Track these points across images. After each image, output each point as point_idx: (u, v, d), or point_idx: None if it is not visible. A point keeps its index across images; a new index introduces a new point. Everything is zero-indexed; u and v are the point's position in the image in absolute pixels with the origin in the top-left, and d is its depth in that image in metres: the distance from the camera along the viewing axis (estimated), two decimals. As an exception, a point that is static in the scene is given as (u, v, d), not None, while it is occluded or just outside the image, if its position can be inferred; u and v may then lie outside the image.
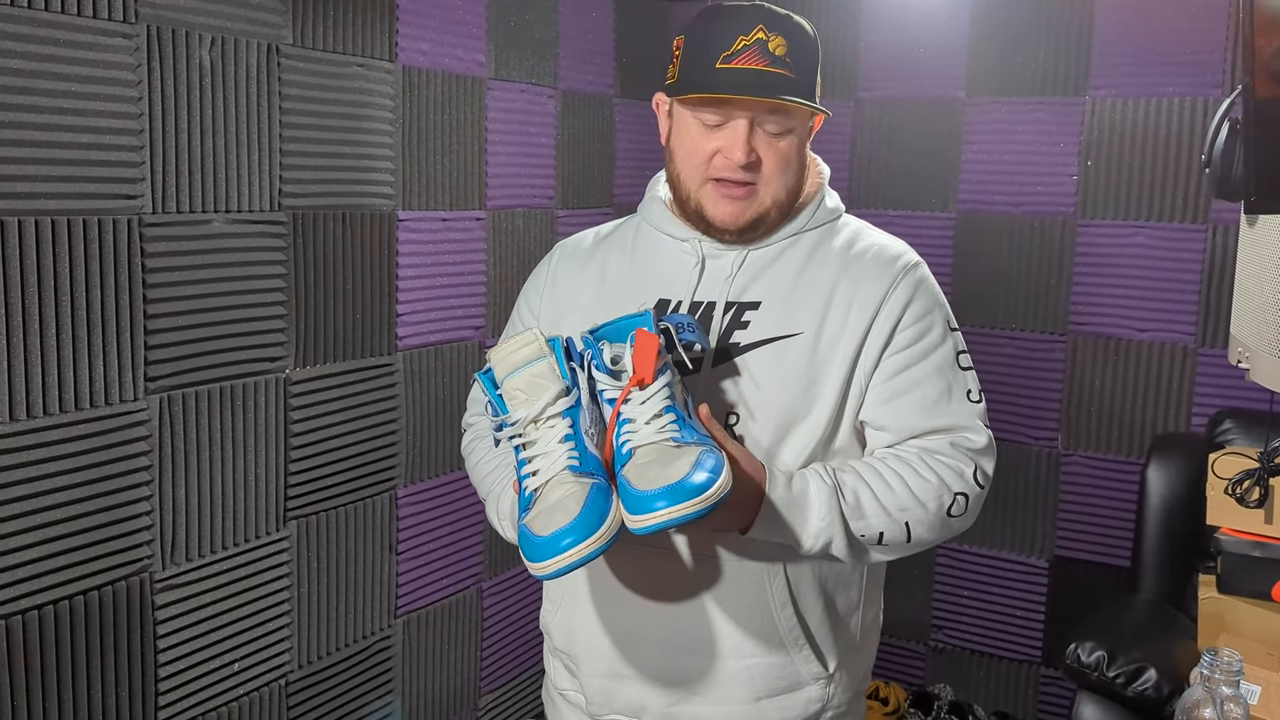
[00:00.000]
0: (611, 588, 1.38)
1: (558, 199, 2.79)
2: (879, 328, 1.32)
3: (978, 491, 1.33)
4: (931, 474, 1.29)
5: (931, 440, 1.32)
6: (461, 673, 2.62)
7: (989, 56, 2.93)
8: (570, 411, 1.18)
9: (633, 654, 1.37)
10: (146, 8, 1.74)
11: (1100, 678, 2.24)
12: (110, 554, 1.78)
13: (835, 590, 1.37)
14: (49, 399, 1.66)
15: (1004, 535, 3.02)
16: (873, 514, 1.27)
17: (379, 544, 2.33)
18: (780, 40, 1.29)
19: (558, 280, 1.48)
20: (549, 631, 1.49)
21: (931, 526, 1.30)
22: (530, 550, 1.09)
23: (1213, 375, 2.74)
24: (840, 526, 1.26)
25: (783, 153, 1.33)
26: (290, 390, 2.07)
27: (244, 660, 2.03)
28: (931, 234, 3.03)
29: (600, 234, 1.52)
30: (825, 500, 1.25)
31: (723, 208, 1.34)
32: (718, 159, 1.32)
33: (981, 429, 1.34)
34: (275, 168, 2.00)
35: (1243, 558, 2.11)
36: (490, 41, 2.50)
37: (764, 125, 1.31)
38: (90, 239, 1.70)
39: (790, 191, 1.36)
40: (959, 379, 1.35)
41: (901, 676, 3.19)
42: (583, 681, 1.44)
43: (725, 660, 1.33)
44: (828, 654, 1.36)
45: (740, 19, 1.31)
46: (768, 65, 1.28)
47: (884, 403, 1.33)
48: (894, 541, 1.29)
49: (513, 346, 1.21)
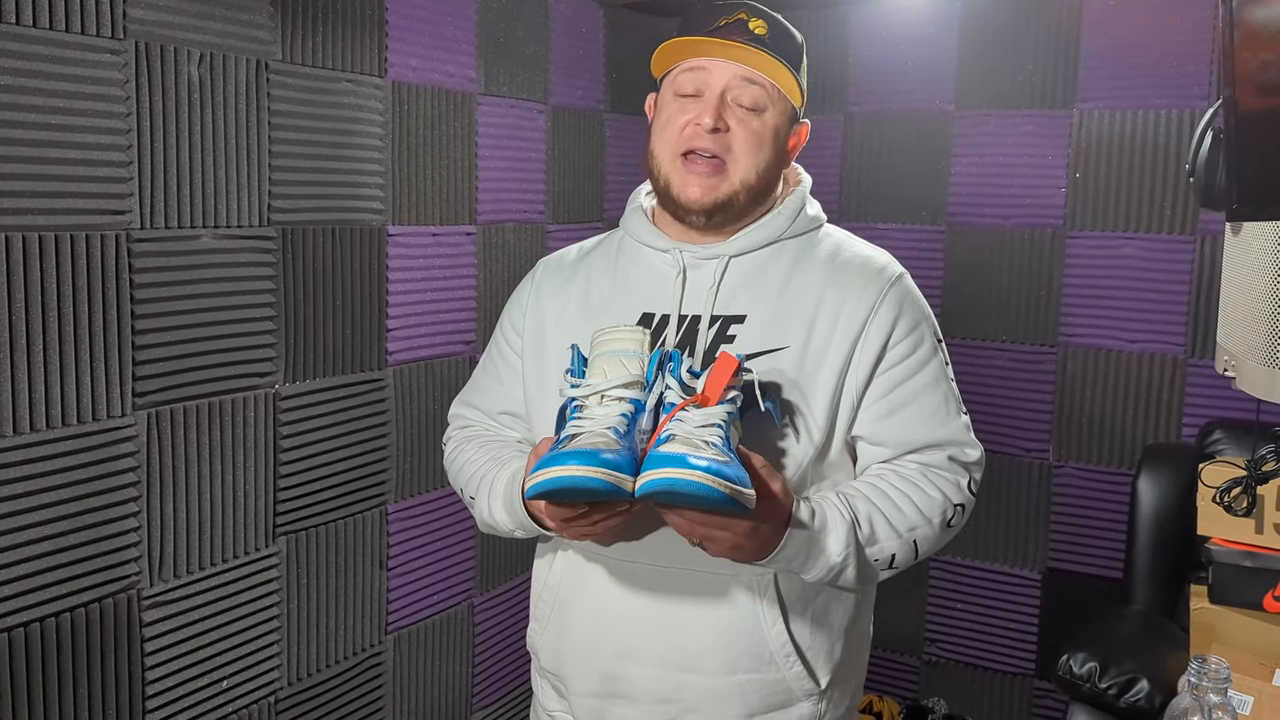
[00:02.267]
0: (601, 606, 1.37)
1: (548, 214, 2.80)
2: (868, 342, 1.32)
3: (972, 501, 1.37)
4: (935, 490, 1.32)
5: (930, 455, 1.34)
6: (453, 690, 2.60)
7: (977, 70, 2.95)
8: (635, 401, 1.19)
9: (623, 673, 1.36)
10: (135, 24, 1.74)
11: (1092, 689, 2.24)
12: (98, 570, 1.77)
13: (827, 606, 1.36)
14: (36, 415, 1.66)
15: (997, 547, 3.02)
16: (885, 539, 1.29)
17: (369, 560, 2.32)
18: (761, 23, 1.33)
19: (541, 296, 1.48)
20: (536, 652, 1.47)
21: (935, 541, 1.33)
22: (536, 467, 1.10)
23: (1203, 386, 2.74)
24: (854, 560, 1.27)
25: (755, 131, 1.33)
26: (280, 406, 2.07)
27: (233, 677, 2.02)
28: (922, 247, 3.04)
29: (584, 249, 1.52)
30: (844, 535, 1.26)
31: (691, 185, 1.33)
32: (689, 128, 1.33)
33: (974, 442, 1.38)
34: (264, 183, 2.00)
35: (1234, 568, 2.11)
36: (480, 57, 2.51)
37: (739, 100, 1.32)
38: (78, 254, 1.69)
39: (760, 175, 1.34)
40: (952, 391, 1.37)
41: (895, 690, 3.18)
42: (572, 702, 1.42)
43: (717, 677, 1.32)
44: (819, 670, 1.35)
45: (724, 7, 1.35)
46: (746, 41, 1.31)
47: (882, 419, 1.33)
48: (904, 563, 1.32)
49: (620, 333, 1.24)
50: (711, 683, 1.33)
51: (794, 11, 3.11)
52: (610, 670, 1.36)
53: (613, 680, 1.37)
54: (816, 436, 1.31)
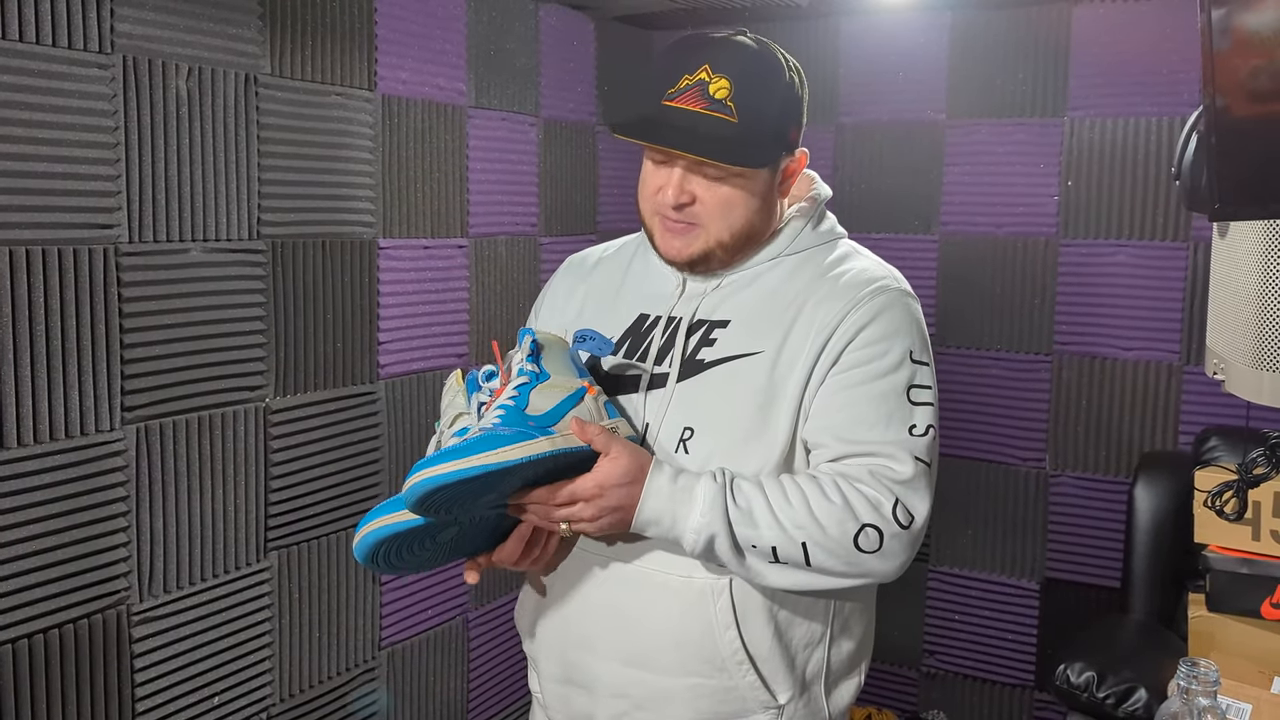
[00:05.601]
0: (569, 596, 1.40)
1: (541, 226, 2.80)
2: (832, 346, 1.30)
3: (895, 530, 1.24)
4: (838, 497, 1.24)
5: (851, 465, 1.27)
6: (448, 705, 2.59)
7: (968, 78, 2.95)
8: (462, 431, 1.25)
9: (582, 662, 1.39)
10: (123, 38, 1.75)
11: (1090, 699, 2.22)
12: (87, 586, 1.76)
13: (792, 619, 1.34)
14: (24, 429, 1.65)
15: (994, 558, 3.01)
16: (765, 525, 1.23)
17: (362, 574, 2.31)
18: (723, 83, 1.27)
19: (556, 292, 1.55)
20: (520, 631, 1.52)
21: (834, 555, 1.24)
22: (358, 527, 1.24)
23: (1198, 393, 2.74)
24: (724, 526, 1.23)
25: (724, 197, 1.31)
26: (270, 419, 2.06)
27: (224, 694, 2.01)
28: (915, 256, 3.04)
29: (607, 249, 1.57)
30: (711, 497, 1.23)
31: (667, 242, 1.35)
32: (660, 195, 1.32)
33: (908, 460, 1.26)
34: (254, 196, 2.00)
35: (1231, 575, 2.10)
36: (470, 70, 2.51)
37: (703, 169, 1.30)
38: (66, 268, 1.69)
39: (736, 233, 1.33)
40: (903, 409, 1.28)
41: (893, 703, 3.16)
42: (542, 685, 1.47)
43: (669, 677, 1.33)
44: (778, 684, 1.33)
45: (690, 56, 1.30)
46: (705, 108, 1.27)
47: (816, 418, 1.30)
48: (790, 559, 1.24)
49: (445, 387, 1.37)
50: (662, 682, 1.33)
51: (784, 23, 3.14)
52: (571, 658, 1.40)
53: (573, 668, 1.40)
54: (780, 441, 1.30)
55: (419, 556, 1.28)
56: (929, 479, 1.28)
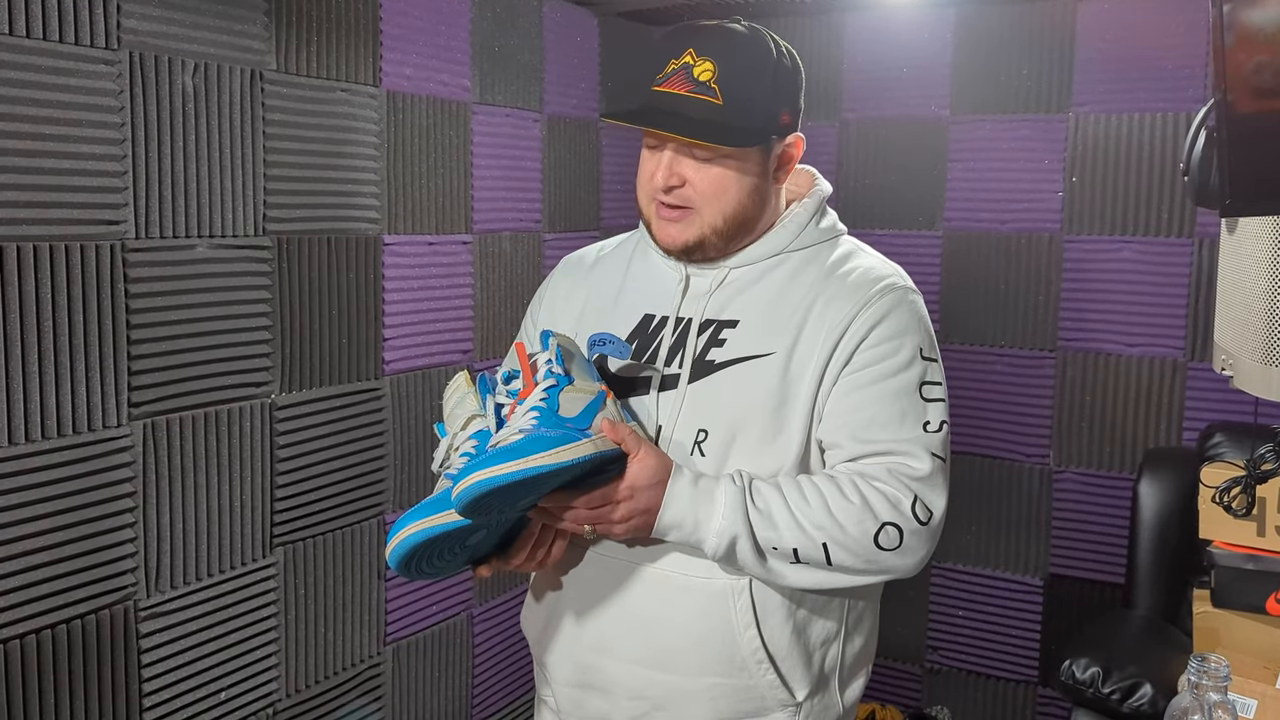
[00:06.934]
0: (583, 600, 1.38)
1: (545, 222, 2.80)
2: (844, 346, 1.30)
3: (915, 526, 1.26)
4: (857, 496, 1.25)
5: (869, 464, 1.28)
6: (452, 701, 2.59)
7: (972, 74, 2.95)
8: (480, 433, 1.24)
9: (598, 665, 1.38)
10: (129, 34, 1.75)
11: (1095, 694, 2.23)
12: (94, 582, 1.76)
13: (810, 618, 1.34)
14: (31, 425, 1.65)
15: (998, 554, 3.01)
16: (785, 526, 1.24)
17: (367, 570, 2.31)
18: (708, 65, 1.28)
19: (555, 293, 1.53)
20: (527, 636, 1.51)
21: (855, 554, 1.25)
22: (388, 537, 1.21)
23: (1203, 389, 2.74)
24: (745, 528, 1.23)
25: (714, 178, 1.31)
26: (276, 415, 2.06)
27: (231, 689, 2.01)
28: (919, 253, 3.04)
29: (604, 249, 1.55)
30: (732, 499, 1.24)
31: (663, 229, 1.35)
32: (653, 180, 1.33)
33: (925, 456, 1.28)
34: (259, 193, 2.00)
35: (1236, 571, 2.10)
36: (475, 66, 2.51)
37: (692, 151, 1.30)
38: (73, 264, 1.69)
39: (729, 217, 1.33)
40: (916, 407, 1.30)
41: (898, 699, 3.16)
42: (554, 689, 1.45)
43: (687, 678, 1.33)
44: (796, 682, 1.34)
45: (677, 42, 1.31)
46: (689, 90, 1.28)
47: (831, 419, 1.30)
48: (812, 560, 1.25)
49: (449, 389, 1.34)
50: (681, 683, 1.33)
51: (787, 19, 3.13)
52: (586, 661, 1.39)
53: (588, 671, 1.39)
54: (796, 443, 1.30)
55: (446, 561, 1.26)
56: (945, 474, 1.30)
